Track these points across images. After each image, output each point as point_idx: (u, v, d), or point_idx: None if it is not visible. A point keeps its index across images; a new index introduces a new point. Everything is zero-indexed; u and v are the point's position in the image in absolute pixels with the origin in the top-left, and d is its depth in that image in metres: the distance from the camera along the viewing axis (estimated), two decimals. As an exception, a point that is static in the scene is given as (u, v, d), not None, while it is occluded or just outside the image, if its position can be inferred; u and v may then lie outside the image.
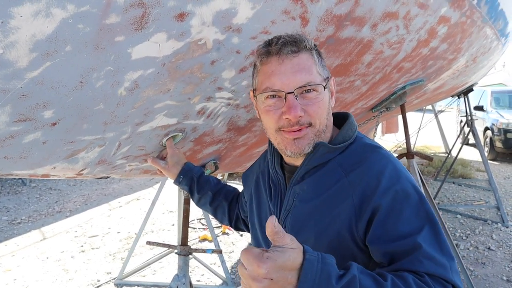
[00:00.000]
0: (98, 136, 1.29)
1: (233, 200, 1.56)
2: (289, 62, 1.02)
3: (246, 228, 1.54)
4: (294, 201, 1.12)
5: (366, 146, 1.11)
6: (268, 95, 1.04)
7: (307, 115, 1.03)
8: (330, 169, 1.08)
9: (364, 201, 0.99)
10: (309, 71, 1.03)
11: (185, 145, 1.68)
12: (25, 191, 7.35)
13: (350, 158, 1.08)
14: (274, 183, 1.21)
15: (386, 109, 3.09)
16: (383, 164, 1.04)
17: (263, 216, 1.23)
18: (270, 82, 1.03)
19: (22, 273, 4.15)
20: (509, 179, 8.19)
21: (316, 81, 1.03)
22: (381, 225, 0.96)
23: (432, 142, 12.37)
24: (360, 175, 1.03)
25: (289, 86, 1.01)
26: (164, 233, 5.36)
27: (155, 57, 1.12)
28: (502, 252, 4.62)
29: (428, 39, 2.34)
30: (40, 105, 1.04)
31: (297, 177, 1.12)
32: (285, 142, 1.06)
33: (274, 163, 1.20)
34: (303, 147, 1.05)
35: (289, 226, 1.10)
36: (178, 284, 2.13)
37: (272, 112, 1.05)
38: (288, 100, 1.01)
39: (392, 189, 0.98)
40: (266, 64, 1.05)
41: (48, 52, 0.92)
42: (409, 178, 1.03)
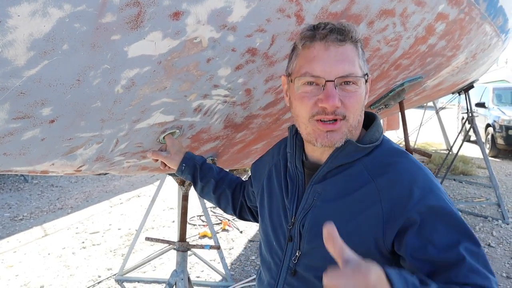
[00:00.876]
0: (96, 133, 1.31)
1: (236, 187, 1.52)
2: (334, 49, 0.97)
3: (252, 217, 1.52)
4: (314, 200, 1.07)
5: (393, 150, 1.07)
6: (306, 81, 1.00)
7: (343, 107, 0.98)
8: (356, 171, 1.04)
9: (395, 210, 0.95)
10: (353, 62, 0.99)
11: (182, 142, 1.70)
12: (27, 188, 7.40)
13: (377, 161, 1.04)
14: (291, 178, 1.15)
15: (384, 106, 3.10)
16: (414, 172, 1.00)
17: (274, 213, 1.19)
18: (311, 67, 0.99)
19: (24, 269, 4.18)
20: (510, 176, 8.20)
21: (358, 73, 0.99)
22: (420, 237, 0.93)
23: (433, 139, 12.36)
24: (389, 182, 0.99)
25: (331, 74, 0.97)
26: (165, 229, 5.39)
27: (151, 55, 1.14)
28: (502, 249, 4.64)
29: (426, 36, 2.35)
30: (38, 102, 1.06)
31: (319, 175, 1.07)
32: (316, 133, 1.01)
33: (294, 158, 1.15)
34: (335, 140, 1.01)
35: (307, 226, 1.06)
36: (177, 279, 2.15)
37: (307, 98, 1.00)
38: (327, 88, 0.97)
39: (426, 201, 0.95)
40: (309, 48, 1.00)
41: (46, 51, 0.94)
42: (440, 188, 1.00)
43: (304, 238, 1.07)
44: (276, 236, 1.16)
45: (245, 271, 4.18)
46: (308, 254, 1.06)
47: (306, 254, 1.07)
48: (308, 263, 1.06)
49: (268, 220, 1.21)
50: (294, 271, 1.08)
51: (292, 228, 1.10)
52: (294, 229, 1.09)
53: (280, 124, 2.10)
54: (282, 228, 1.14)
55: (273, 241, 1.17)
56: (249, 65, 1.43)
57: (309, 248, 1.06)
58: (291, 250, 1.10)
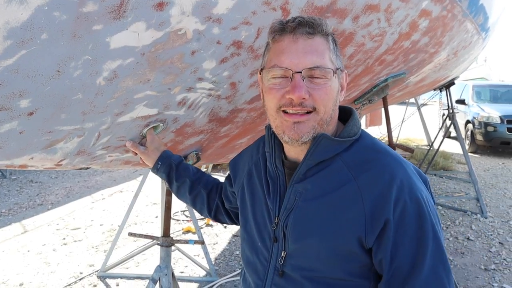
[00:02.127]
0: (77, 126, 1.27)
1: (213, 189, 1.50)
2: (302, 41, 0.97)
3: (229, 219, 1.49)
4: (296, 200, 1.05)
5: (373, 145, 1.06)
6: (275, 74, 1.00)
7: (312, 99, 0.97)
8: (336, 168, 1.02)
9: (377, 210, 0.95)
10: (322, 55, 0.98)
11: (166, 136, 1.68)
12: (5, 183, 7.22)
13: (357, 157, 1.02)
14: (272, 178, 1.13)
15: (368, 101, 3.12)
16: (394, 169, 0.99)
17: (258, 213, 1.16)
18: (279, 59, 0.99)
19: (3, 267, 4.09)
20: (488, 171, 8.38)
21: (327, 66, 0.98)
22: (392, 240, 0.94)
23: (415, 134, 12.55)
24: (370, 180, 0.98)
25: (298, 66, 0.96)
26: (148, 225, 5.33)
27: (134, 46, 1.11)
28: (481, 242, 4.74)
29: (410, 32, 2.37)
30: (16, 94, 1.02)
31: (298, 174, 1.05)
32: (284, 125, 1.00)
33: (274, 158, 1.12)
34: (303, 133, 0.99)
35: (291, 226, 1.04)
36: (161, 275, 2.13)
37: (275, 90, 0.99)
38: (294, 80, 0.96)
39: (402, 200, 0.94)
40: (278, 42, 1.00)
41: (23, 40, 0.91)
42: (419, 186, 0.99)
43: (289, 239, 1.05)
44: (261, 237, 1.14)
45: (229, 266, 4.17)
46: (293, 255, 1.05)
47: (292, 255, 1.05)
48: (294, 263, 1.05)
49: (252, 220, 1.19)
50: (281, 272, 1.07)
51: (276, 228, 1.08)
52: (278, 230, 1.08)
53: (265, 118, 2.08)
54: (267, 229, 1.12)
55: (258, 242, 1.15)
56: (234, 58, 1.42)
57: (294, 248, 1.05)
58: (277, 250, 1.08)
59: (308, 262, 1.03)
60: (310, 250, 1.02)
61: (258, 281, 1.13)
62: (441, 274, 0.95)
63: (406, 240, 0.94)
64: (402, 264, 0.94)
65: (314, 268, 1.02)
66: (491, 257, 4.34)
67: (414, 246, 0.94)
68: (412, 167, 1.04)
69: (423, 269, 0.93)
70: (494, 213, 5.73)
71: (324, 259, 1.01)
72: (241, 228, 1.26)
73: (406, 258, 0.94)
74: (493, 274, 3.97)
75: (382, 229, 0.95)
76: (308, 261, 1.03)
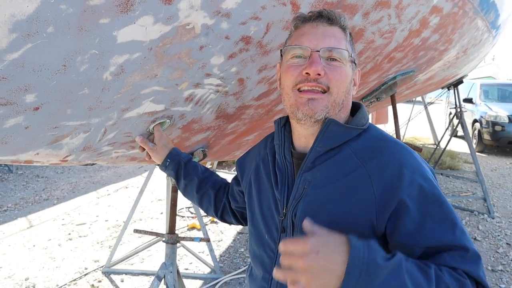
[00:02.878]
0: (83, 121, 1.26)
1: (220, 189, 1.49)
2: (322, 27, 1.05)
3: (235, 220, 1.49)
4: (305, 188, 1.06)
5: (381, 135, 1.09)
6: (294, 53, 1.05)
7: (327, 78, 1.02)
8: (344, 156, 1.04)
9: (387, 193, 0.96)
10: (339, 41, 1.04)
11: (172, 132, 1.66)
12: (12, 178, 7.26)
13: (365, 146, 1.05)
14: (280, 170, 1.14)
15: (376, 99, 3.09)
16: (403, 155, 1.01)
17: (264, 205, 1.17)
18: (299, 40, 1.05)
19: (8, 261, 4.10)
20: (496, 171, 8.31)
21: (344, 50, 1.04)
22: (412, 222, 0.95)
23: (421, 133, 12.46)
24: (379, 165, 0.99)
25: (317, 46, 1.02)
26: (153, 221, 5.34)
27: (141, 41, 1.09)
28: (488, 242, 4.70)
29: (420, 29, 2.33)
30: (22, 88, 1.00)
31: (307, 162, 1.07)
32: (298, 102, 1.03)
33: (283, 149, 1.15)
34: (316, 110, 1.02)
35: (300, 215, 1.05)
36: (166, 272, 2.12)
37: (293, 68, 1.05)
38: (312, 57, 1.01)
39: (417, 184, 0.96)
40: (300, 28, 1.08)
41: (29, 33, 0.89)
42: (428, 171, 1.02)
43: (297, 228, 1.05)
44: (268, 229, 1.14)
45: (234, 263, 4.16)
46: None
47: None
48: None
49: (258, 213, 1.19)
50: None
51: (284, 219, 1.09)
52: (287, 220, 1.08)
53: (273, 115, 2.06)
54: (274, 220, 1.12)
55: (265, 234, 1.15)
56: (242, 53, 1.39)
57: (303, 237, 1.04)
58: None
59: None
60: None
61: (265, 274, 1.13)
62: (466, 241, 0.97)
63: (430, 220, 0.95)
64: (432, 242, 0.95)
65: None
66: (498, 258, 4.30)
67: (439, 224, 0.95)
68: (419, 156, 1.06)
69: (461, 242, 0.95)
70: (501, 214, 5.68)
71: None
72: (249, 223, 1.27)
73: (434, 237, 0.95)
74: (501, 275, 3.93)
75: (394, 211, 0.95)
76: None
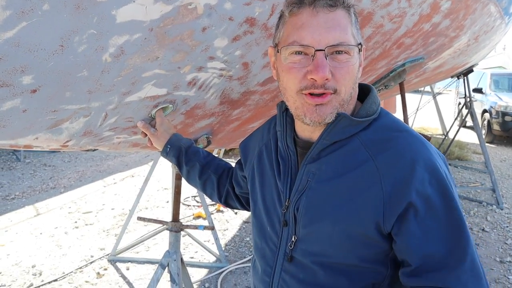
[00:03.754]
0: (83, 105, 1.22)
1: (223, 173, 1.45)
2: (323, 15, 0.88)
3: (239, 205, 1.45)
4: (308, 181, 0.99)
5: (393, 123, 0.99)
6: (295, 50, 0.91)
7: (334, 80, 0.90)
8: (352, 147, 0.96)
9: (396, 192, 0.88)
10: (345, 29, 0.90)
11: (176, 118, 1.62)
12: (19, 167, 7.30)
13: (375, 136, 0.96)
14: (283, 159, 1.07)
15: (385, 87, 3.03)
16: (416, 149, 0.92)
17: (267, 195, 1.11)
18: (299, 35, 0.90)
19: (16, 249, 4.13)
20: (505, 162, 8.21)
21: (350, 42, 0.90)
22: (420, 224, 0.88)
23: (430, 124, 12.34)
24: (390, 160, 0.91)
25: (320, 43, 0.88)
26: (158, 210, 5.34)
27: (141, 21, 1.05)
28: (496, 233, 4.64)
29: (431, 13, 2.26)
30: (18, 69, 0.97)
31: (312, 154, 0.99)
32: (305, 107, 0.93)
33: (285, 136, 1.06)
34: (325, 115, 0.92)
35: (302, 209, 0.99)
36: (169, 260, 2.10)
37: (296, 70, 0.92)
38: (317, 58, 0.88)
39: (429, 184, 0.88)
40: (297, 15, 0.91)
41: (24, 11, 0.85)
42: (442, 167, 0.92)
43: (299, 223, 1.00)
44: (270, 221, 1.09)
45: (239, 252, 4.16)
46: (304, 239, 1.00)
47: (303, 239, 1.00)
48: (305, 248, 1.00)
49: (261, 204, 1.13)
50: (291, 257, 1.02)
51: (287, 211, 1.03)
52: (289, 213, 1.02)
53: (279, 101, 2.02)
54: (276, 212, 1.07)
55: (267, 226, 1.09)
56: (247, 36, 1.35)
57: (305, 232, 0.99)
58: (286, 235, 1.03)
59: (319, 247, 0.98)
60: (322, 234, 0.96)
61: (267, 267, 1.08)
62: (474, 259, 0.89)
63: (437, 226, 0.88)
64: (435, 251, 0.87)
65: (326, 253, 0.97)
66: (506, 249, 4.25)
67: (446, 233, 0.88)
68: (433, 147, 0.97)
69: (465, 259, 0.87)
70: (510, 204, 5.61)
71: (337, 244, 0.95)
72: (251, 213, 1.20)
73: (439, 246, 0.87)
74: (509, 267, 3.88)
75: (403, 213, 0.88)
76: (320, 246, 0.97)
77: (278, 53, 0.97)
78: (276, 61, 1.01)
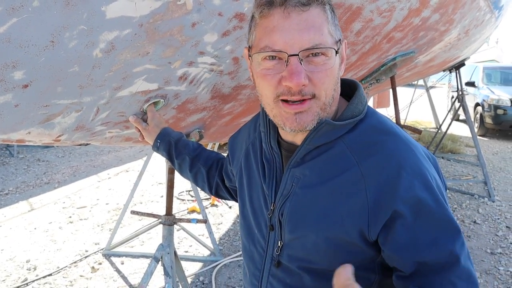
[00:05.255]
0: (74, 100, 1.24)
1: (213, 165, 1.45)
2: (296, 16, 0.82)
3: (230, 196, 1.44)
4: (293, 186, 0.96)
5: (380, 125, 0.94)
6: (267, 55, 0.86)
7: (312, 85, 0.85)
8: (337, 151, 0.92)
9: (382, 200, 0.85)
10: (320, 30, 0.84)
11: (167, 113, 1.64)
12: (13, 162, 7.28)
13: (361, 139, 0.92)
14: (268, 161, 1.04)
15: (376, 81, 3.06)
16: (403, 153, 0.88)
17: (254, 197, 1.09)
18: (270, 40, 0.84)
19: (10, 244, 4.14)
20: (497, 155, 8.29)
21: (326, 43, 0.84)
22: (408, 232, 0.85)
23: (423, 117, 12.42)
24: (375, 165, 0.87)
25: (294, 47, 0.82)
26: (153, 204, 5.36)
27: (131, 16, 1.06)
28: (487, 225, 4.71)
29: (420, 8, 2.29)
30: (9, 65, 0.99)
31: (296, 158, 0.96)
32: (284, 116, 0.88)
33: (269, 138, 1.02)
34: (306, 123, 0.88)
35: (286, 215, 0.97)
36: (163, 253, 2.13)
37: (270, 76, 0.86)
38: (291, 64, 0.83)
39: (415, 190, 0.85)
40: (267, 17, 0.85)
41: (14, 7, 0.87)
42: (431, 172, 0.90)
43: (285, 228, 0.98)
44: (257, 224, 1.07)
45: (233, 246, 4.19)
46: (290, 245, 0.99)
47: (289, 245, 0.99)
48: (291, 253, 0.99)
49: (248, 205, 1.11)
50: (278, 263, 1.01)
51: (272, 215, 1.01)
52: (274, 217, 1.00)
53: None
54: (263, 215, 1.05)
55: (255, 229, 1.08)
56: (236, 31, 1.37)
57: (290, 238, 0.98)
58: (273, 240, 1.02)
59: (305, 253, 0.97)
60: (307, 241, 0.95)
61: (256, 270, 1.07)
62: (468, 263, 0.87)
63: (426, 232, 0.86)
64: (426, 258, 0.86)
65: (312, 259, 0.96)
66: (497, 241, 4.31)
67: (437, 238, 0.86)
68: (422, 150, 0.94)
69: (459, 261, 0.85)
70: (501, 197, 5.68)
71: (322, 251, 0.94)
72: (239, 213, 1.17)
73: (431, 252, 0.86)
74: (499, 258, 3.95)
75: (388, 221, 0.86)
76: (305, 252, 0.96)
77: (248, 53, 0.94)
78: (251, 64, 0.95)
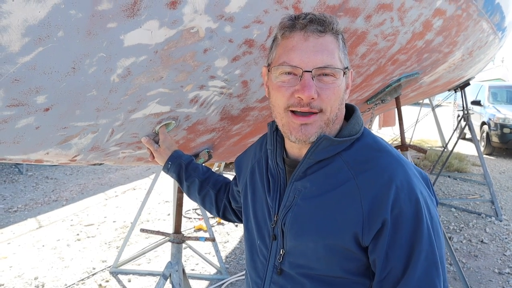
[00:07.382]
0: (91, 122, 1.30)
1: (221, 189, 1.52)
2: (313, 40, 0.96)
3: (237, 219, 1.52)
4: (295, 198, 1.06)
5: (374, 144, 1.05)
6: (284, 71, 0.99)
7: (320, 100, 0.97)
8: (336, 166, 1.02)
9: (374, 210, 0.95)
10: (332, 54, 0.97)
11: (178, 134, 1.70)
12: (22, 179, 7.36)
13: (357, 155, 1.02)
14: (273, 176, 1.14)
15: (381, 101, 3.11)
16: (394, 168, 0.98)
17: (258, 211, 1.17)
18: (288, 56, 0.98)
19: (18, 261, 4.17)
20: (504, 174, 8.25)
21: (336, 65, 0.98)
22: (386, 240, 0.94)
23: (429, 136, 12.41)
24: (370, 179, 0.98)
25: (308, 65, 0.96)
26: (160, 222, 5.39)
27: (147, 44, 1.13)
28: (495, 245, 4.67)
29: (423, 31, 2.35)
30: (33, 90, 1.05)
31: (299, 171, 1.06)
32: (291, 126, 1.00)
33: (275, 155, 1.13)
34: (310, 134, 0.99)
35: (289, 224, 1.05)
36: (171, 271, 2.16)
37: (284, 88, 0.99)
38: (304, 79, 0.95)
39: (400, 201, 0.94)
40: (288, 38, 0.99)
41: (40, 37, 0.93)
42: (419, 187, 0.99)
43: (286, 237, 1.06)
44: (260, 235, 1.15)
45: (240, 264, 4.19)
46: (291, 253, 1.06)
47: (290, 253, 1.06)
48: (292, 261, 1.06)
49: (253, 219, 1.19)
50: (280, 270, 1.08)
51: (275, 226, 1.09)
52: (277, 227, 1.08)
53: (277, 117, 2.09)
54: (267, 227, 1.13)
55: (257, 240, 1.16)
56: (246, 56, 1.43)
57: (292, 246, 1.06)
58: (276, 248, 1.09)
59: (306, 260, 1.04)
60: (308, 248, 1.03)
61: (258, 279, 1.14)
62: (433, 277, 0.94)
63: (401, 242, 0.94)
64: (396, 266, 0.95)
65: (312, 266, 1.03)
66: (505, 261, 4.27)
67: (408, 248, 0.94)
68: (413, 167, 1.03)
69: (415, 272, 0.93)
70: (509, 216, 5.64)
71: (322, 258, 1.01)
72: (244, 227, 1.26)
73: (400, 260, 0.94)
74: (507, 278, 3.91)
75: (379, 229, 0.95)
76: (306, 259, 1.04)
77: (269, 72, 1.05)
78: (268, 80, 1.08)
